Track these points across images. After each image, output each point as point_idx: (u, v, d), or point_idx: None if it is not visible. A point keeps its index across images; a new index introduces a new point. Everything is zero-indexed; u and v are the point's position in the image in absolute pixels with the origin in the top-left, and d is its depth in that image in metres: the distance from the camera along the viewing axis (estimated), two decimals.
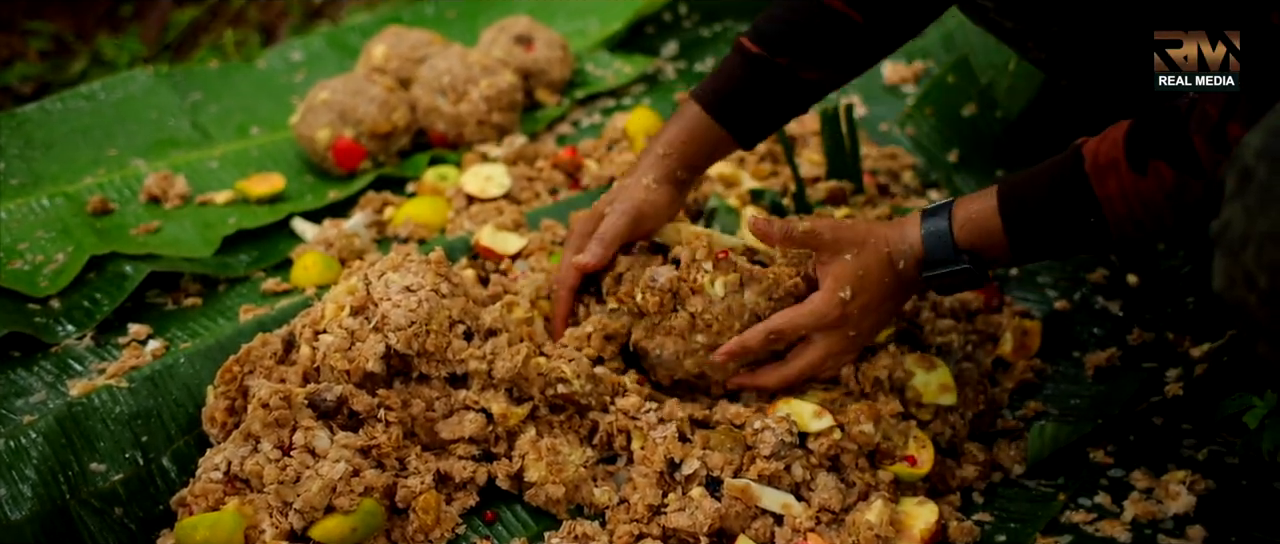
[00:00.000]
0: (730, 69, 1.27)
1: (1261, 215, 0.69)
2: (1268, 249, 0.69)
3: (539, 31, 1.87)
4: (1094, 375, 1.33)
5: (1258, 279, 0.70)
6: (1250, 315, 0.73)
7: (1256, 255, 0.70)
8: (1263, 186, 0.70)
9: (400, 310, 1.14)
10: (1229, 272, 0.74)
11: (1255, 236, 0.70)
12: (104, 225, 1.52)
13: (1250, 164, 0.71)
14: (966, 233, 1.10)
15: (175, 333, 1.33)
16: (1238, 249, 0.72)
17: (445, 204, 1.55)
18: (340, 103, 1.66)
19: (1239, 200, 0.72)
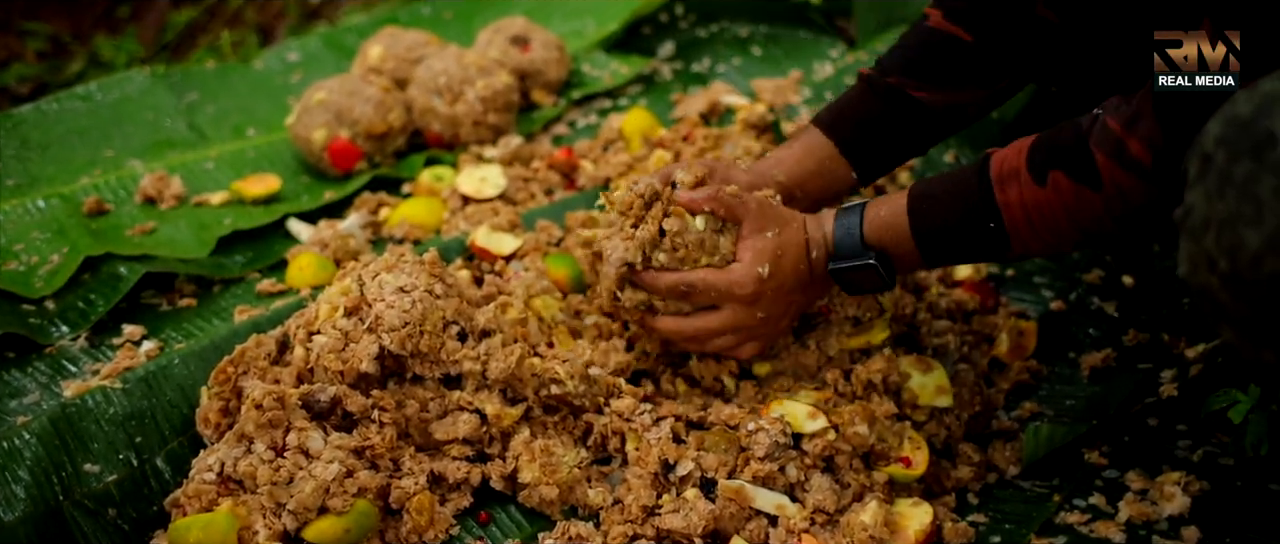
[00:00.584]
0: (848, 93, 1.28)
1: (1220, 200, 0.71)
2: (1227, 232, 0.71)
3: (535, 32, 1.87)
4: (1089, 376, 1.33)
5: (1218, 262, 0.72)
6: (1214, 298, 0.75)
7: (1217, 239, 0.72)
8: (1221, 172, 0.71)
9: (394, 311, 1.14)
10: (1192, 256, 0.76)
11: (1215, 220, 0.72)
12: (99, 226, 1.52)
13: (1210, 151, 0.73)
14: (876, 231, 1.11)
15: (170, 334, 1.33)
16: (1200, 233, 0.74)
17: (441, 205, 1.55)
18: (336, 103, 1.65)
19: (1200, 185, 0.74)
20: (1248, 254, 0.70)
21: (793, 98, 1.83)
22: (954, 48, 1.22)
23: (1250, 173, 0.69)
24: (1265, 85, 0.72)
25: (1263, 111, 0.70)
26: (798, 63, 1.93)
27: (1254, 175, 0.69)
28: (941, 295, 1.40)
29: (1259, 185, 0.69)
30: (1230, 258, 0.71)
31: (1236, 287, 0.72)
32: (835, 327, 1.25)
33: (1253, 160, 0.69)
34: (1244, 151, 0.70)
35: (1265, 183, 0.68)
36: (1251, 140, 0.70)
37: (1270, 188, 0.68)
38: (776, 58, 1.95)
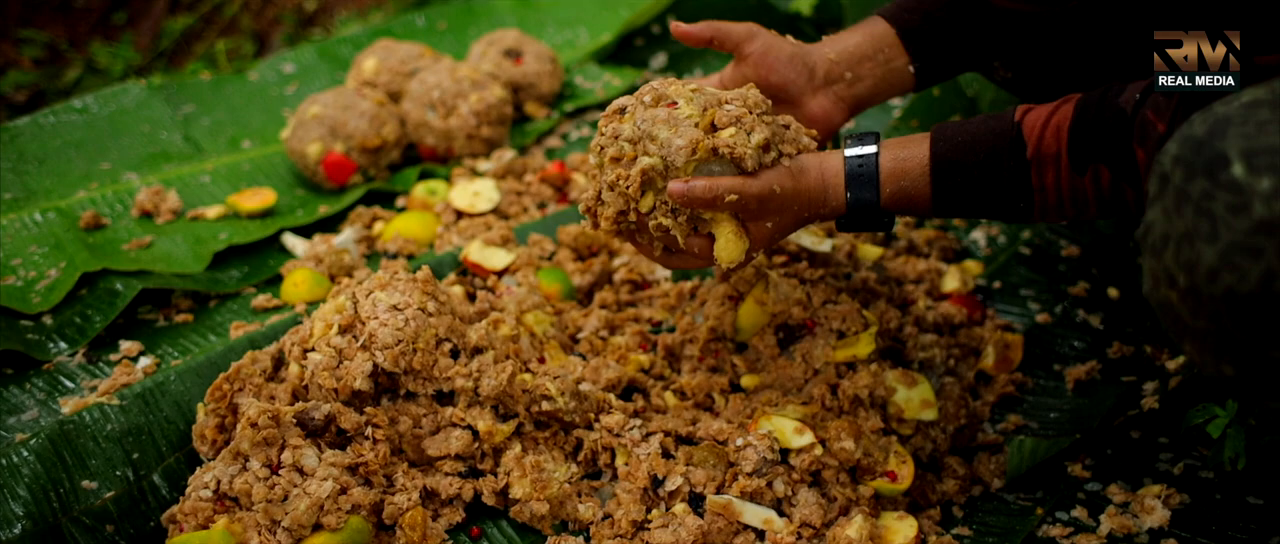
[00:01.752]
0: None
1: (1177, 217, 0.74)
2: (1184, 248, 0.74)
3: (528, 45, 1.89)
4: (1074, 389, 1.35)
5: (1177, 278, 0.75)
6: (1174, 313, 0.78)
7: (1175, 254, 0.75)
8: (1177, 190, 0.74)
9: (387, 329, 1.15)
10: (1153, 271, 0.79)
11: (1173, 237, 0.75)
12: (96, 241, 1.54)
13: (1167, 170, 0.76)
14: (893, 199, 1.08)
15: (166, 349, 1.35)
16: (1159, 249, 0.77)
17: (434, 219, 1.57)
18: (331, 117, 1.67)
19: (1159, 203, 0.77)
20: (1203, 269, 0.73)
21: None
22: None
23: (1205, 191, 0.72)
24: (1219, 108, 0.75)
25: (1215, 133, 0.73)
26: None
27: (1208, 193, 0.72)
28: (929, 308, 1.42)
29: (1213, 202, 0.71)
30: (1187, 273, 0.74)
31: (1194, 301, 0.74)
32: (821, 339, 1.27)
33: (1207, 179, 0.72)
34: (1199, 170, 0.73)
35: (1219, 200, 0.71)
36: (1205, 160, 0.72)
37: (1224, 205, 0.71)
38: None
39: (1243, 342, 0.74)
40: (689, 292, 1.40)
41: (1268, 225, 0.69)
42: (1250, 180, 0.69)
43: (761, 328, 1.29)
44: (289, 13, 3.04)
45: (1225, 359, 0.77)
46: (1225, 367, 0.78)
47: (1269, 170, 0.69)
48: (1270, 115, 0.71)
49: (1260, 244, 0.69)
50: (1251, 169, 0.69)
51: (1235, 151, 0.71)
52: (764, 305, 1.28)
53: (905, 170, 1.07)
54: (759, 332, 1.29)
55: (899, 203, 1.08)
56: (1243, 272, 0.70)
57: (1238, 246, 0.70)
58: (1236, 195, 0.70)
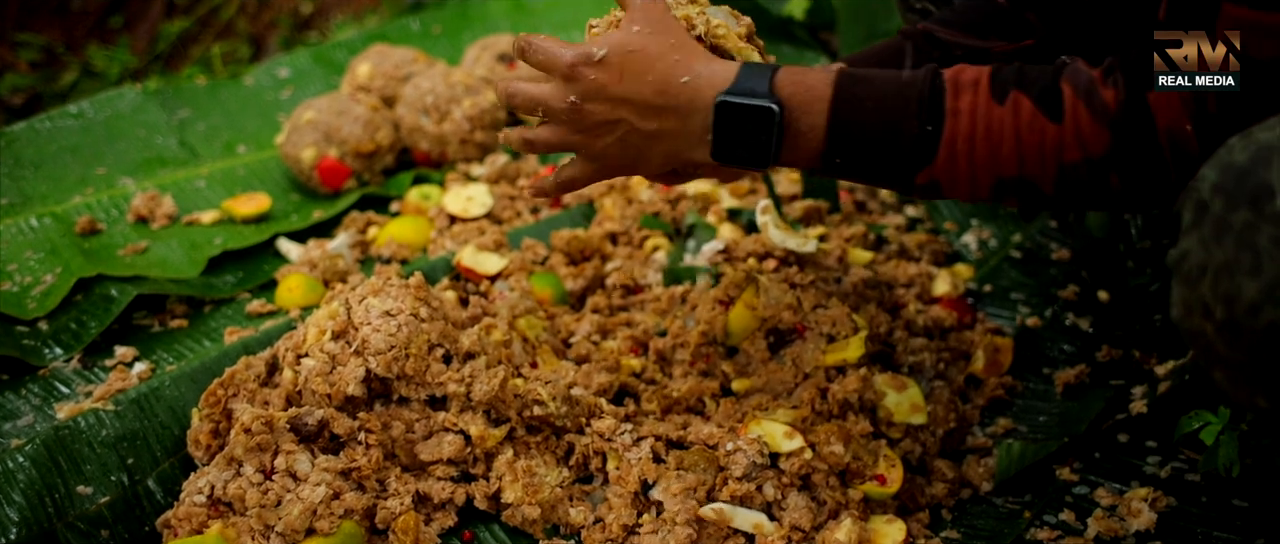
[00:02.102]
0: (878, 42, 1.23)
1: (1217, 247, 0.72)
2: (1223, 280, 0.72)
3: None
4: (1063, 392, 1.35)
5: (1214, 309, 0.73)
6: (1207, 344, 0.76)
7: (1213, 286, 0.73)
8: (1217, 220, 0.73)
9: (380, 335, 1.16)
10: (1186, 301, 0.77)
11: (1212, 267, 0.73)
12: (92, 246, 1.55)
13: (1206, 198, 0.74)
14: (789, 85, 0.96)
15: (161, 355, 1.36)
16: (1195, 279, 0.75)
17: (428, 224, 1.58)
18: (325, 122, 1.68)
19: (1196, 232, 0.75)
20: (1244, 303, 0.71)
21: None
22: (985, 6, 1.20)
23: (1248, 222, 0.70)
24: (1260, 135, 0.73)
25: (1259, 162, 0.71)
26: None
27: (1252, 224, 0.70)
28: (919, 312, 1.43)
29: (1257, 235, 0.70)
30: (1227, 306, 0.72)
31: (1232, 334, 0.73)
32: (811, 344, 1.28)
33: (1251, 210, 0.70)
34: (1242, 201, 0.71)
35: (1264, 233, 0.69)
36: (1249, 191, 0.71)
37: (1269, 238, 0.69)
38: None
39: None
40: (680, 296, 1.41)
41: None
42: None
43: (752, 332, 1.30)
44: (285, 16, 3.05)
45: (1260, 392, 0.76)
46: (1259, 399, 0.77)
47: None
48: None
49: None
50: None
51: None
52: (754, 310, 1.29)
53: (805, 81, 0.96)
54: (749, 336, 1.30)
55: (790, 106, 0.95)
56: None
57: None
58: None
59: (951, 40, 1.20)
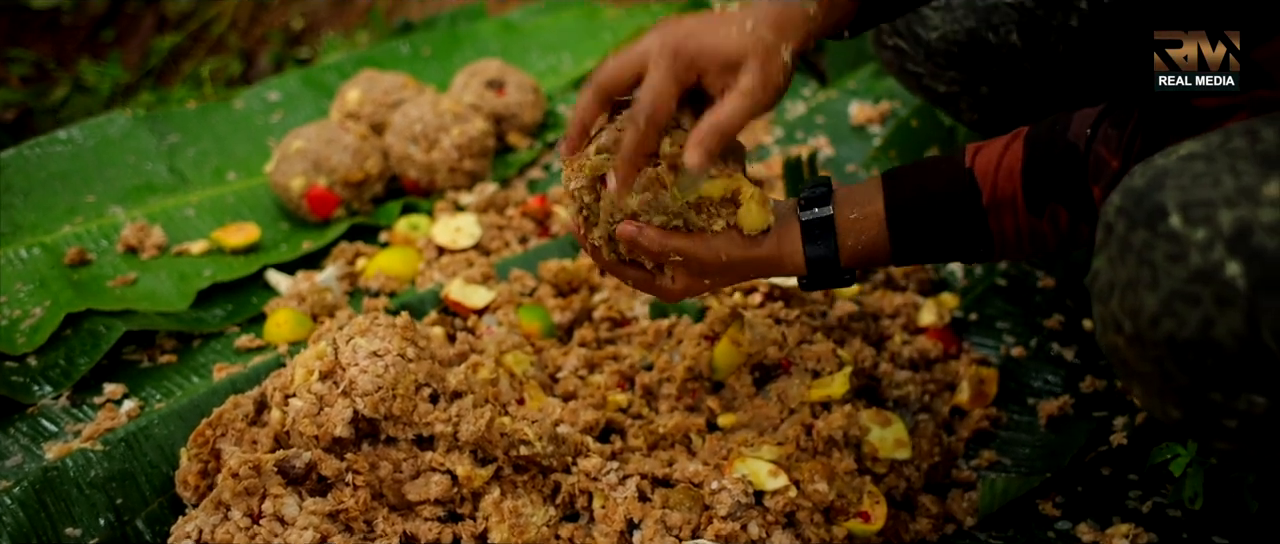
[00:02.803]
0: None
1: (1121, 265, 0.77)
2: (1128, 296, 0.77)
3: (510, 75, 1.90)
4: (1047, 424, 1.36)
5: (1123, 324, 0.78)
6: (1122, 357, 0.81)
7: (1120, 301, 0.78)
8: (1120, 240, 0.78)
9: (367, 376, 1.17)
10: (1102, 317, 0.82)
11: (1118, 285, 0.78)
12: (81, 277, 1.55)
13: (1111, 220, 0.79)
14: (853, 256, 1.09)
15: (150, 391, 1.36)
16: (1106, 296, 0.80)
17: (416, 255, 1.58)
18: (314, 151, 1.68)
19: (1104, 252, 0.80)
20: (1146, 316, 0.76)
21: (764, 138, 1.87)
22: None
23: (1145, 240, 0.75)
24: (1158, 160, 0.78)
25: (1154, 184, 0.76)
26: None
27: (1149, 243, 0.75)
28: (905, 343, 1.44)
29: (1153, 252, 0.75)
30: (1132, 320, 0.77)
31: (1139, 347, 0.78)
32: (796, 379, 1.29)
33: (1147, 229, 0.75)
34: (1140, 221, 0.76)
35: (1159, 250, 0.74)
36: (1146, 211, 0.76)
37: (1164, 254, 0.74)
38: None
39: (1185, 386, 0.77)
40: (666, 330, 1.42)
41: (1203, 274, 0.72)
42: (1186, 231, 0.73)
43: (737, 367, 1.31)
44: (276, 32, 3.06)
45: (1171, 403, 0.80)
46: (1172, 410, 0.81)
47: (1203, 222, 0.72)
48: (1205, 168, 0.75)
49: (1197, 292, 0.73)
50: (1188, 220, 0.73)
51: (1173, 203, 0.74)
52: (740, 346, 1.30)
53: (863, 229, 1.08)
54: (735, 371, 1.31)
55: (860, 258, 1.09)
56: (1182, 318, 0.74)
57: (1177, 294, 0.74)
58: (1174, 245, 0.74)
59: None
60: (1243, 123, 0.79)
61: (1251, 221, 0.71)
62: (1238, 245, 0.71)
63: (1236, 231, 0.71)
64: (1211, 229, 0.72)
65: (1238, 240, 0.71)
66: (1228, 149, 0.75)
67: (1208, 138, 0.78)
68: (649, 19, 2.29)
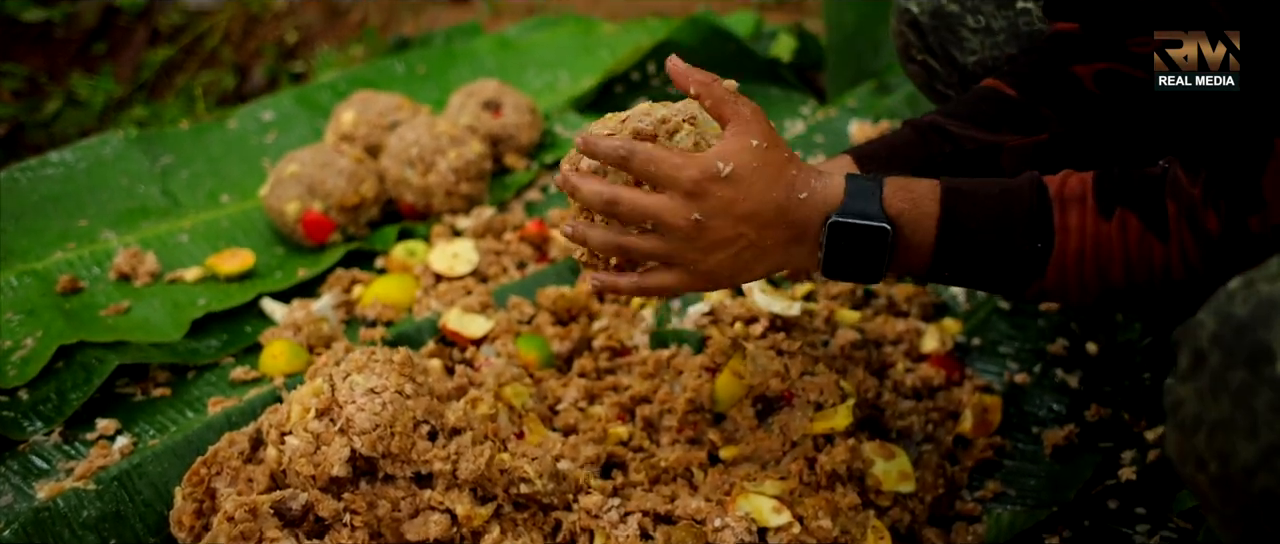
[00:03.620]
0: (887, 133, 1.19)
1: (1213, 403, 0.71)
2: (1218, 437, 0.70)
3: (507, 95, 1.89)
4: (1052, 454, 1.35)
5: (1209, 464, 0.72)
6: (1202, 492, 0.75)
7: (1208, 441, 0.71)
8: (1214, 375, 0.71)
9: (365, 414, 1.15)
10: (1182, 448, 0.75)
11: (1207, 422, 0.71)
12: (73, 306, 1.53)
13: (1204, 347, 0.72)
14: (899, 201, 0.96)
15: (144, 426, 1.34)
16: (1190, 430, 0.73)
17: (413, 282, 1.56)
18: (309, 175, 1.67)
19: (1192, 382, 0.73)
20: (1239, 464, 0.69)
21: None
22: (997, 98, 1.18)
23: (1245, 383, 0.68)
24: (1262, 285, 0.71)
25: (1259, 320, 0.68)
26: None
27: (1250, 386, 0.68)
28: (908, 371, 1.43)
29: (1255, 398, 0.68)
30: (1221, 463, 0.71)
31: (1226, 491, 0.72)
32: (799, 411, 1.27)
33: (1249, 371, 0.68)
34: (1239, 359, 0.69)
35: (1262, 397, 0.67)
36: (1247, 350, 0.68)
37: (1267, 403, 0.67)
38: None
39: (1275, 537, 0.71)
40: (666, 360, 1.40)
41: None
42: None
43: (739, 399, 1.29)
44: (270, 45, 3.04)
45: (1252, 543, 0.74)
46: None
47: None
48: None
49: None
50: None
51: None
52: (742, 377, 1.29)
53: (913, 194, 0.96)
54: (737, 403, 1.29)
55: (901, 224, 0.95)
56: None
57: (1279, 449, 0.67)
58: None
59: (963, 134, 1.16)
60: None
61: None
62: None
63: None
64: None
65: None
66: None
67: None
68: (644, 34, 2.28)
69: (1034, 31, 1.29)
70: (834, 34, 2.03)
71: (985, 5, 1.31)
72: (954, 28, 1.33)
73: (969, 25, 1.33)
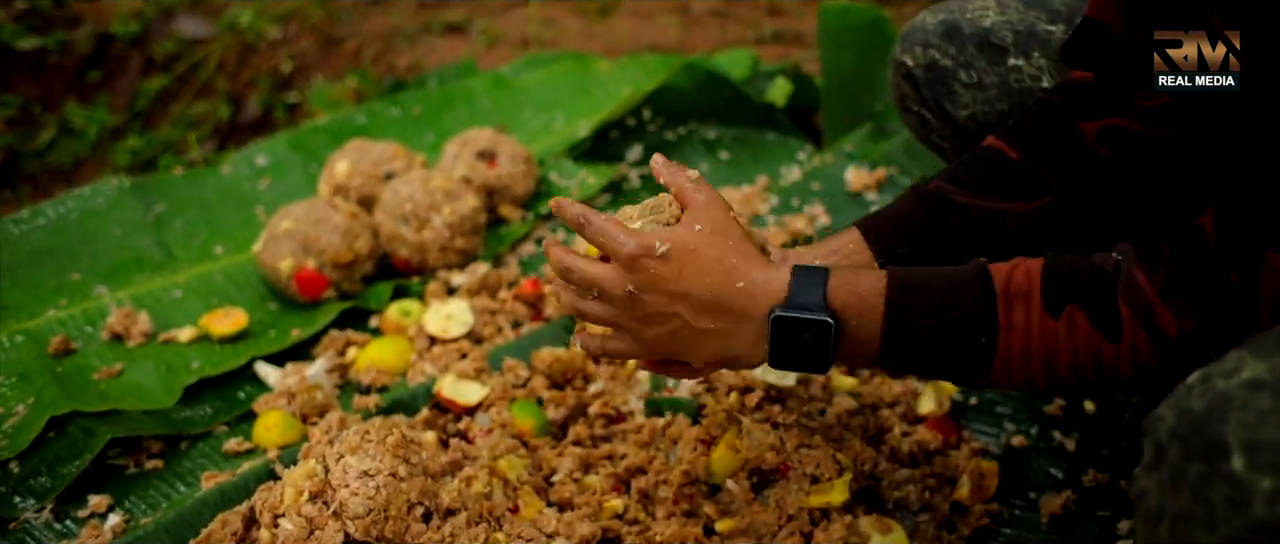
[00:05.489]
0: (892, 202, 1.21)
1: (1174, 496, 0.72)
2: (1179, 528, 0.72)
3: (503, 145, 1.88)
4: (1048, 523, 1.34)
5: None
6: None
7: (1170, 532, 0.73)
8: (1174, 468, 0.72)
9: (358, 498, 1.15)
10: (1147, 537, 0.77)
11: (1169, 514, 0.73)
12: (65, 369, 1.52)
13: (1163, 442, 0.74)
14: (843, 296, 0.96)
15: (135, 501, 1.33)
16: (1154, 521, 0.75)
17: (407, 345, 1.55)
18: (302, 232, 1.66)
19: (1154, 475, 0.75)
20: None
21: (760, 207, 1.84)
22: (999, 161, 1.17)
23: (1202, 475, 0.70)
24: (1218, 381, 0.72)
25: (1214, 415, 0.70)
26: (765, 167, 1.94)
27: (1206, 479, 0.70)
28: (905, 435, 1.42)
29: (1211, 491, 0.69)
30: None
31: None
32: (794, 484, 1.27)
33: (1204, 464, 0.70)
34: (1196, 454, 0.70)
35: (1218, 490, 0.69)
36: (1204, 443, 0.70)
37: (1222, 496, 0.69)
38: (744, 162, 1.96)
39: None
40: (662, 428, 1.39)
41: (1268, 526, 0.67)
42: (1251, 476, 0.67)
43: (734, 471, 1.29)
44: (264, 75, 3.03)
45: None
46: None
47: (1270, 470, 0.67)
48: (1272, 404, 0.69)
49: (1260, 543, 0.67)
50: (1253, 465, 0.67)
51: (1236, 441, 0.68)
52: (737, 451, 1.28)
53: (858, 292, 0.96)
54: (732, 474, 1.29)
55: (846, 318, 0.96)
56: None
57: (1236, 542, 0.68)
58: (1236, 490, 0.68)
59: (967, 203, 1.16)
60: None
61: None
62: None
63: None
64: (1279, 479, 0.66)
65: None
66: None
67: (1273, 359, 0.72)
68: (640, 72, 2.27)
69: (1025, 89, 1.29)
70: (830, 76, 2.02)
71: (978, 61, 1.32)
72: (947, 82, 1.34)
73: (962, 80, 1.33)
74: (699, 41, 2.69)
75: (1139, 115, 1.12)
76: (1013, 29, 1.29)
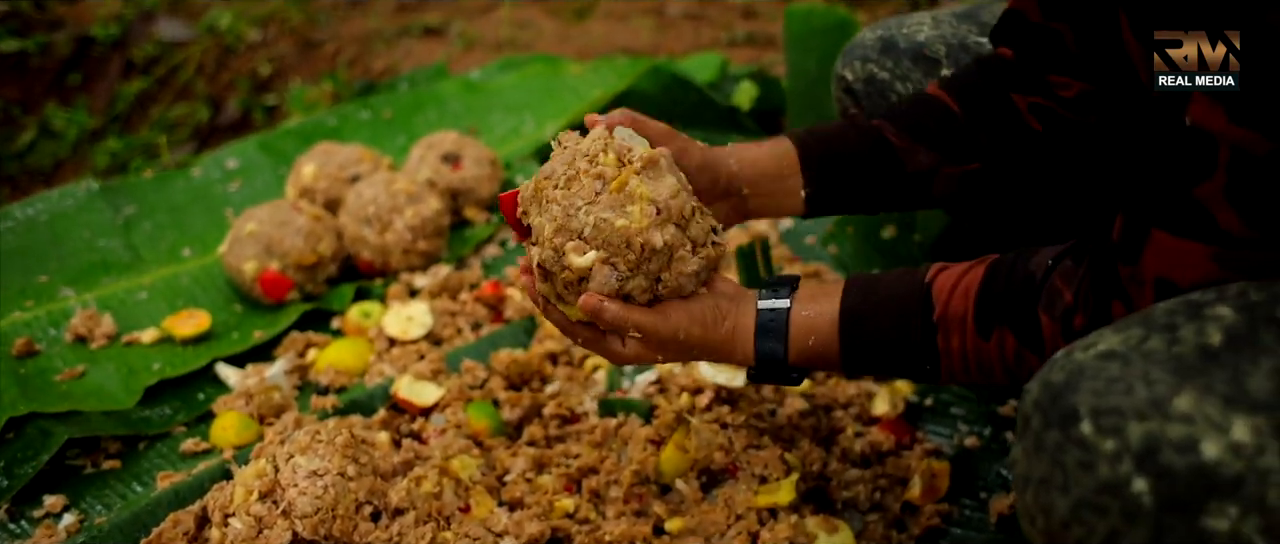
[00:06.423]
0: (831, 122, 1.24)
1: (1036, 462, 0.77)
2: (1042, 494, 0.77)
3: (468, 148, 1.89)
4: (996, 523, 1.36)
5: (1037, 519, 0.78)
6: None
7: (1035, 496, 0.78)
8: (1036, 436, 0.77)
9: (307, 497, 1.16)
10: (1020, 505, 0.81)
11: (1033, 480, 0.78)
12: (28, 370, 1.53)
13: (1028, 412, 0.79)
14: (802, 356, 1.08)
15: (91, 502, 1.34)
16: (1022, 488, 0.80)
17: (367, 346, 1.57)
18: (266, 234, 1.67)
19: (1021, 444, 0.80)
20: (1057, 517, 0.76)
21: None
22: (941, 111, 1.20)
23: (1057, 442, 0.75)
24: (1078, 354, 0.77)
25: (1069, 385, 0.75)
26: None
27: (1061, 445, 0.74)
28: (858, 436, 1.43)
29: (1065, 456, 0.74)
30: (1044, 516, 0.77)
31: (1053, 541, 0.77)
32: (742, 484, 1.28)
33: (1059, 431, 0.75)
34: (1053, 421, 0.75)
35: (1070, 455, 0.74)
36: (1059, 412, 0.75)
37: (1074, 460, 0.73)
38: None
39: None
40: (614, 429, 1.41)
41: (1111, 487, 0.71)
42: (1097, 440, 0.72)
43: (684, 471, 1.30)
44: (243, 78, 3.04)
45: None
46: None
47: (1113, 433, 0.72)
48: (1119, 372, 0.74)
49: (1105, 503, 0.72)
50: (1098, 429, 0.72)
51: (1085, 408, 0.73)
52: (686, 451, 1.30)
53: (815, 327, 1.07)
54: (682, 474, 1.30)
55: (808, 359, 1.08)
56: (1090, 527, 0.73)
57: (1086, 503, 0.73)
58: (1085, 453, 0.73)
59: (902, 148, 1.19)
60: (1166, 310, 0.77)
61: (1160, 437, 0.69)
62: (1146, 461, 0.70)
63: (1145, 447, 0.70)
64: (1120, 442, 0.71)
65: (1146, 456, 0.70)
66: (1144, 350, 0.74)
67: (1128, 331, 0.76)
68: (613, 75, 2.28)
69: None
70: (796, 79, 2.03)
71: (913, 73, 1.36)
72: (885, 94, 1.38)
73: (898, 91, 1.36)
74: (673, 44, 2.70)
75: (1055, 100, 1.16)
76: (945, 42, 1.33)
